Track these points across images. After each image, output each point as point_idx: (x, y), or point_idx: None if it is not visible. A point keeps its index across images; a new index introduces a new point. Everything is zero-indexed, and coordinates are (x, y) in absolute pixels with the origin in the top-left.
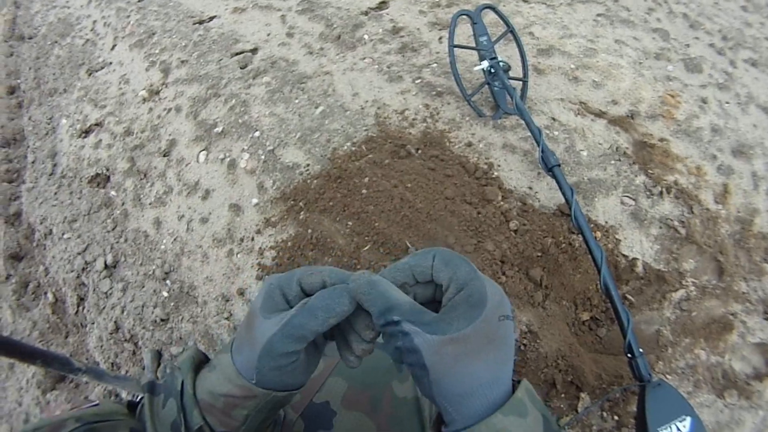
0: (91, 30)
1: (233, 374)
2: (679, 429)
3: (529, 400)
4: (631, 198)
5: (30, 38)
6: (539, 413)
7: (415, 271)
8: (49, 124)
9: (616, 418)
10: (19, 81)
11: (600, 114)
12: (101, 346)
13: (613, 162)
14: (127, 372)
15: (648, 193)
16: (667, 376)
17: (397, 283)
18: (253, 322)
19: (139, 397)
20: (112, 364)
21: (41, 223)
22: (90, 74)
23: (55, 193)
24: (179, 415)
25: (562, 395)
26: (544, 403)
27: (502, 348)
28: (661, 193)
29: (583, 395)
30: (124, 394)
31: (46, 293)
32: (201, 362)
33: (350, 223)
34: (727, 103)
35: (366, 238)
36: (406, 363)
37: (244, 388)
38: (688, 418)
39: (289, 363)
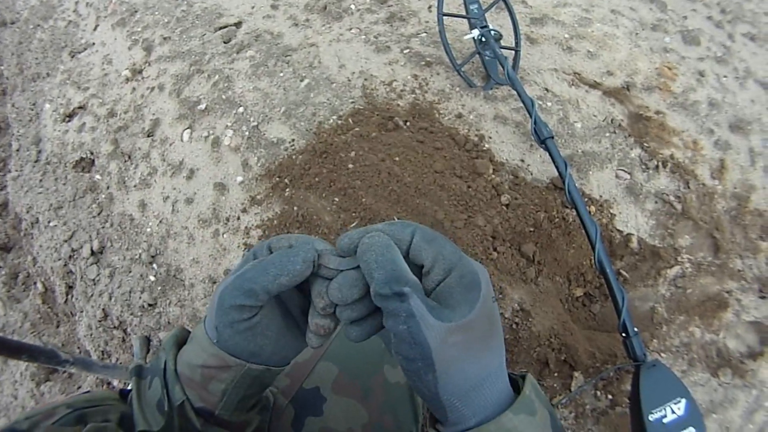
0: (74, 11)
1: (206, 342)
2: (673, 411)
3: (536, 396)
4: (626, 172)
5: (12, 23)
6: (546, 410)
7: (394, 238)
8: (32, 110)
9: (609, 397)
10: (1, 67)
11: (594, 85)
12: (91, 335)
13: (607, 134)
14: (117, 360)
15: (643, 166)
16: (662, 354)
17: None
18: (218, 285)
19: (129, 386)
20: (103, 352)
21: (27, 212)
22: (73, 56)
23: (41, 180)
24: (163, 392)
25: (555, 374)
26: (547, 398)
27: (499, 331)
28: (656, 167)
29: (576, 374)
30: (115, 383)
31: (35, 283)
32: (185, 340)
33: (337, 199)
34: (725, 77)
35: (353, 214)
36: (403, 355)
37: (218, 356)
38: (683, 400)
39: (241, 319)
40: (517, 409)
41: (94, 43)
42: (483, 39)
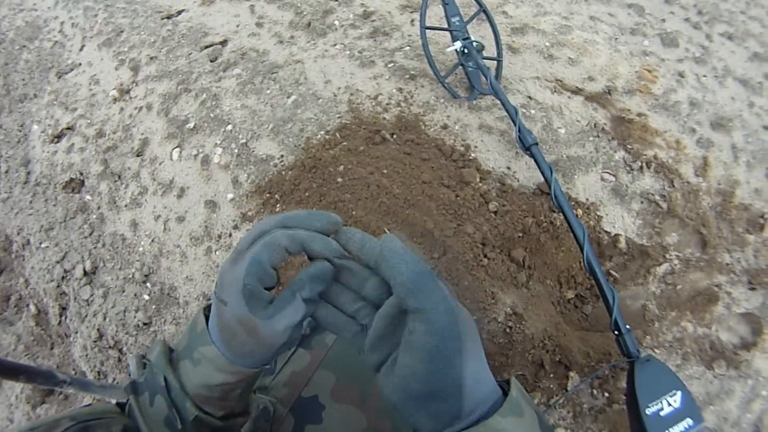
0: (59, 31)
1: (225, 364)
2: (669, 404)
3: (522, 398)
4: (611, 174)
5: None
6: (533, 411)
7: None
8: (20, 131)
9: (606, 394)
10: None
11: (576, 91)
12: (86, 355)
13: (591, 138)
14: (114, 380)
15: (628, 168)
16: (655, 350)
17: None
18: (255, 330)
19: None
20: (99, 372)
21: (18, 234)
22: (60, 77)
23: (30, 202)
24: (171, 411)
25: (551, 375)
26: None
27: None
28: (641, 168)
29: (571, 374)
30: (112, 402)
31: (28, 305)
32: (171, 353)
33: None
34: (705, 76)
35: (344, 227)
36: (441, 336)
37: (239, 373)
38: (679, 393)
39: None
40: (505, 412)
41: (80, 64)
42: (465, 50)
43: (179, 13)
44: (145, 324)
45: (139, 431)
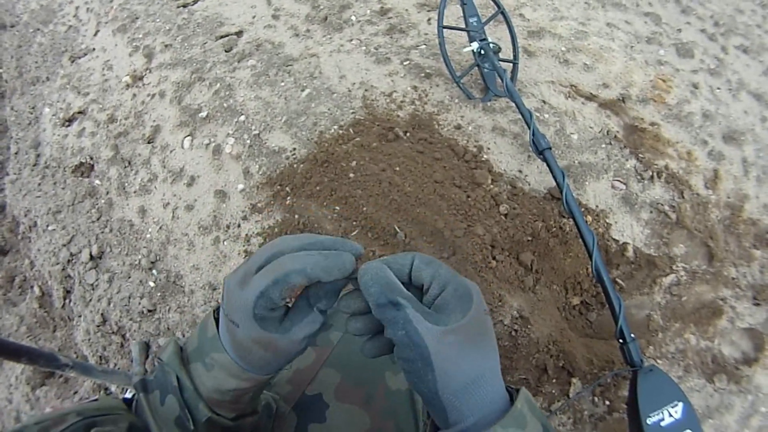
0: (74, 16)
1: (239, 371)
2: (671, 414)
3: (528, 409)
4: (621, 182)
5: (12, 26)
6: (539, 422)
7: (393, 269)
8: (32, 113)
9: (607, 402)
10: (1, 70)
11: (591, 97)
12: (89, 340)
13: (603, 145)
14: (115, 365)
15: (639, 177)
16: (658, 360)
17: None
18: (273, 345)
19: (130, 393)
20: (101, 357)
21: (25, 216)
22: (73, 61)
23: (39, 184)
24: (183, 411)
25: (554, 380)
26: (542, 411)
27: (492, 338)
28: (651, 177)
29: (574, 380)
30: (113, 388)
31: (32, 287)
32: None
33: (338, 207)
34: (719, 88)
35: (354, 222)
36: (404, 358)
37: (252, 379)
38: (680, 404)
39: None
40: (506, 423)
41: (94, 49)
42: (482, 51)
43: (195, 1)
44: (149, 311)
45: (146, 429)
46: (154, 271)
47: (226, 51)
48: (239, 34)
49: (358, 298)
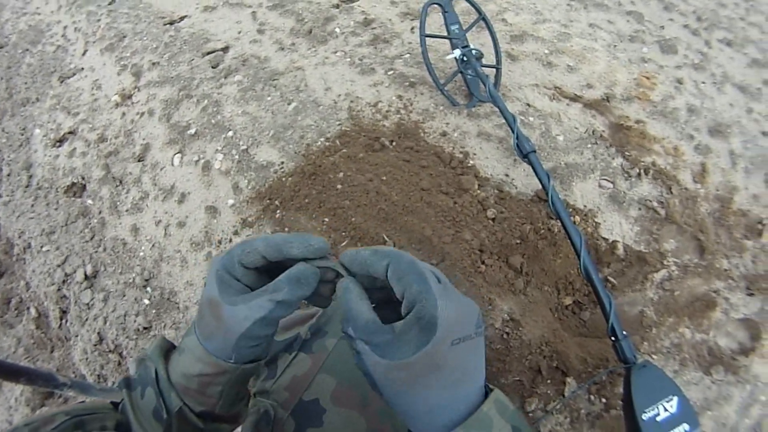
0: (62, 36)
1: (203, 354)
2: (666, 409)
3: (496, 411)
4: (608, 181)
5: (0, 48)
6: (508, 424)
7: (370, 271)
8: (22, 135)
9: (603, 400)
10: None
11: (575, 98)
12: (86, 359)
13: (589, 145)
14: (114, 383)
15: (626, 175)
16: (653, 356)
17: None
18: (219, 311)
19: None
20: (99, 376)
21: (20, 237)
22: (62, 81)
23: (32, 206)
24: (158, 401)
25: (548, 381)
26: (518, 411)
27: (453, 373)
28: (638, 174)
29: (569, 380)
30: (107, 401)
31: (28, 308)
32: (169, 350)
33: (326, 219)
34: (703, 83)
35: (343, 233)
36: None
37: (215, 365)
38: (675, 398)
39: (266, 339)
40: (469, 425)
41: (83, 68)
42: (464, 58)
43: (182, 19)
44: (145, 328)
45: (130, 425)
46: (148, 289)
47: (212, 67)
48: (225, 49)
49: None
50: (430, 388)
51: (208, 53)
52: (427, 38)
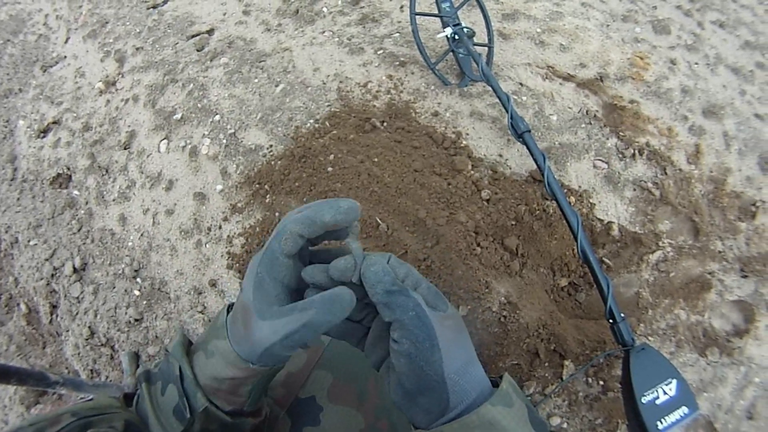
0: (44, 24)
1: (236, 360)
2: (665, 392)
3: (513, 391)
4: (603, 161)
5: None
6: (523, 403)
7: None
8: (6, 127)
9: (601, 383)
10: None
11: (568, 77)
12: (78, 354)
13: (583, 125)
14: (107, 377)
15: (620, 155)
16: (649, 337)
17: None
18: (248, 320)
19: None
20: (91, 370)
21: (6, 232)
22: (45, 71)
23: (18, 199)
24: (181, 400)
25: (546, 364)
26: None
27: (469, 340)
28: (633, 155)
29: (566, 363)
30: (115, 397)
31: (18, 304)
32: (189, 345)
33: None
34: (696, 64)
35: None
36: (411, 340)
37: (248, 369)
38: (674, 381)
39: (290, 355)
40: (495, 401)
41: (65, 57)
42: (456, 37)
43: (165, 2)
44: (136, 320)
45: (144, 425)
46: (138, 280)
47: (197, 50)
48: (210, 32)
49: (322, 272)
50: (466, 336)
51: (193, 36)
52: (417, 16)
